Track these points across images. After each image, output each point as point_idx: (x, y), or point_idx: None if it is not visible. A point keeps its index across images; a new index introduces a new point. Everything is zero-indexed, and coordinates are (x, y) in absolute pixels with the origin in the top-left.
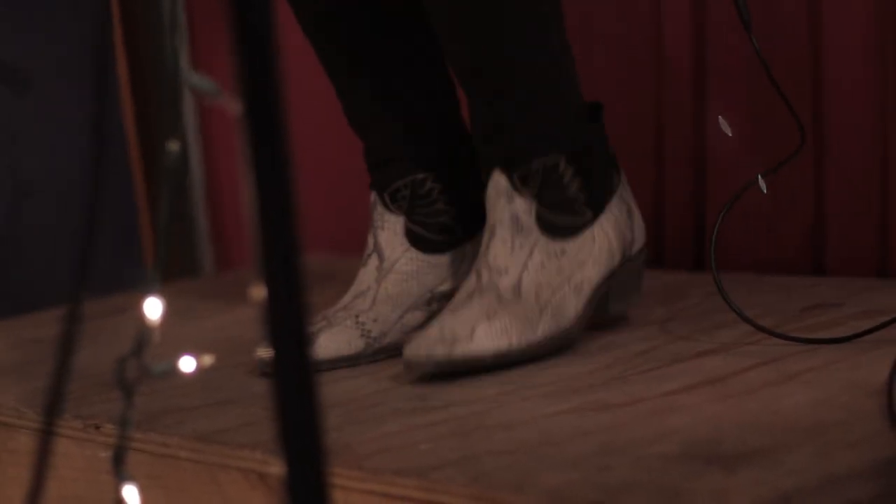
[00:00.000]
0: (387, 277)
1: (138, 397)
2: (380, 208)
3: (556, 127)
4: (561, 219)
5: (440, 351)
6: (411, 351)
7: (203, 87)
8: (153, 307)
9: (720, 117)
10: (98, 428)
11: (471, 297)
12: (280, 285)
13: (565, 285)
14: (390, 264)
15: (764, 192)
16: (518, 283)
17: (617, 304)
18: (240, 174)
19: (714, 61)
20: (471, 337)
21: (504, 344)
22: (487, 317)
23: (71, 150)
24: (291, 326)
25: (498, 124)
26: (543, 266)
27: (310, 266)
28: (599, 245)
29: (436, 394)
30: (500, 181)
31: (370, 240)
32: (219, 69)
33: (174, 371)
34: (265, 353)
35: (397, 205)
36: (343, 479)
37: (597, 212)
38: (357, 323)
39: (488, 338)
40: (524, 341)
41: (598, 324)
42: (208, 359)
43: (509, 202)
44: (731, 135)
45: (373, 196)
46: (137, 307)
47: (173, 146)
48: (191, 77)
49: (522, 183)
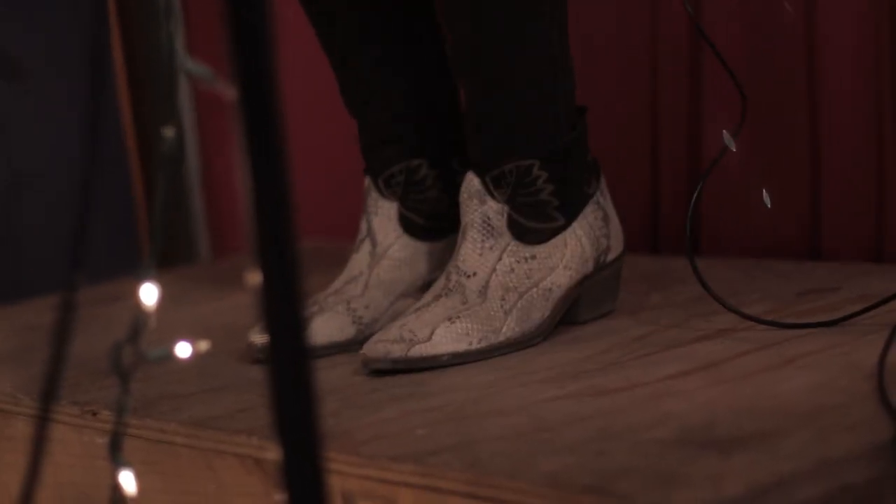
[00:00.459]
0: (379, 263)
1: (134, 384)
2: (374, 194)
3: (533, 131)
4: (532, 223)
5: (396, 352)
6: (369, 348)
7: (198, 73)
8: (149, 293)
9: (724, 131)
10: (95, 414)
11: (437, 299)
12: (275, 271)
13: (533, 289)
14: (383, 250)
15: (768, 207)
16: (485, 286)
17: (588, 311)
18: (236, 160)
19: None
20: (429, 338)
21: (463, 346)
22: (449, 319)
23: (67, 138)
24: (287, 312)
25: (478, 125)
26: (512, 270)
27: (304, 252)
28: (571, 251)
29: (432, 380)
30: (473, 182)
31: (363, 225)
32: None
33: (170, 357)
34: (258, 339)
35: (391, 191)
36: (340, 465)
37: (570, 217)
38: (349, 309)
39: (447, 340)
40: (485, 343)
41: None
42: (204, 345)
43: (481, 204)
44: (735, 150)
45: (367, 181)
46: (133, 294)
47: (169, 132)
48: (186, 63)
49: (495, 185)
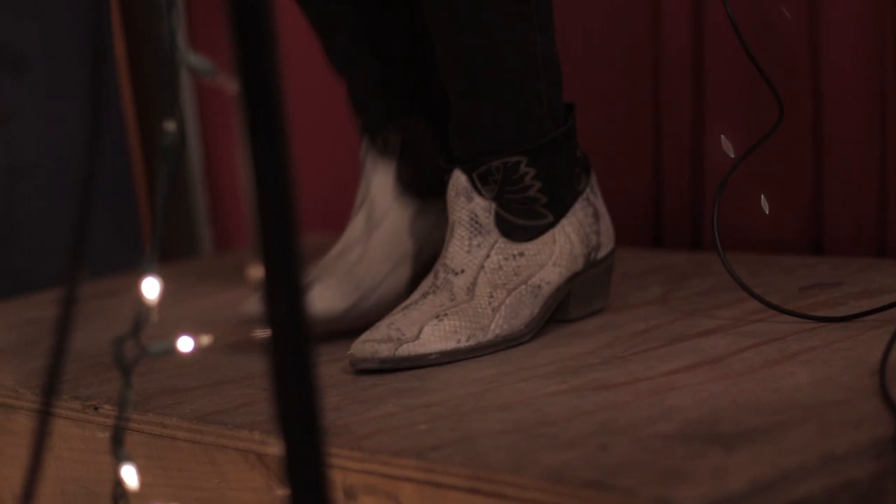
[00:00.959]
0: (379, 226)
1: (136, 378)
2: (372, 153)
3: (519, 128)
4: (521, 220)
5: (384, 352)
6: (357, 348)
7: (200, 67)
8: (151, 287)
9: (722, 136)
10: (97, 409)
11: (424, 296)
12: (277, 265)
13: (521, 287)
14: (381, 213)
15: (766, 213)
16: (473, 284)
17: (579, 309)
18: (238, 154)
19: (711, 45)
20: (417, 337)
21: (451, 344)
22: (437, 317)
23: (68, 131)
24: (289, 306)
25: (464, 122)
26: (500, 267)
27: (306, 246)
28: (560, 248)
29: (434, 375)
30: (460, 180)
31: (362, 186)
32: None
33: (172, 351)
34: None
35: (389, 149)
36: (341, 460)
37: (559, 214)
38: (349, 273)
39: (435, 338)
40: (473, 341)
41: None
42: (206, 339)
43: (468, 201)
44: (733, 156)
45: (364, 141)
46: (135, 287)
47: (170, 126)
48: (188, 57)
49: (482, 182)
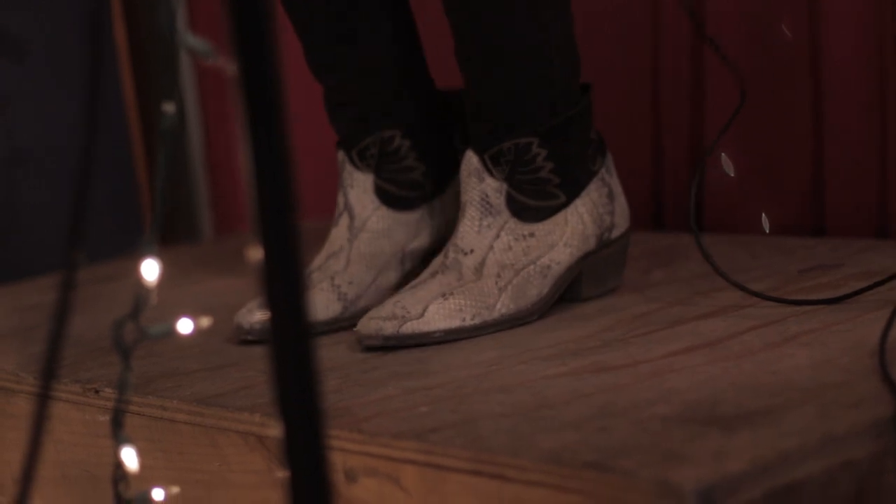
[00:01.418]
0: (359, 237)
1: (136, 361)
2: (348, 167)
3: (531, 109)
4: (532, 201)
5: (388, 329)
6: (363, 325)
7: (199, 49)
8: (150, 269)
9: (723, 154)
10: (97, 392)
11: (433, 276)
12: (277, 249)
13: (530, 266)
14: (361, 223)
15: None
16: (482, 263)
17: (591, 289)
18: (238, 138)
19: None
20: (422, 315)
21: (456, 322)
22: (443, 295)
23: (68, 116)
24: (288, 290)
25: (477, 104)
26: (510, 247)
27: (305, 231)
28: (573, 228)
29: (434, 357)
30: (472, 160)
31: (340, 199)
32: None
33: (171, 333)
34: (245, 320)
35: (366, 163)
36: (342, 442)
37: (572, 195)
38: (333, 285)
39: (440, 316)
40: (479, 320)
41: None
42: (206, 321)
43: (479, 182)
44: (733, 174)
45: (340, 155)
46: (135, 271)
47: (169, 108)
48: (187, 38)
49: (493, 163)
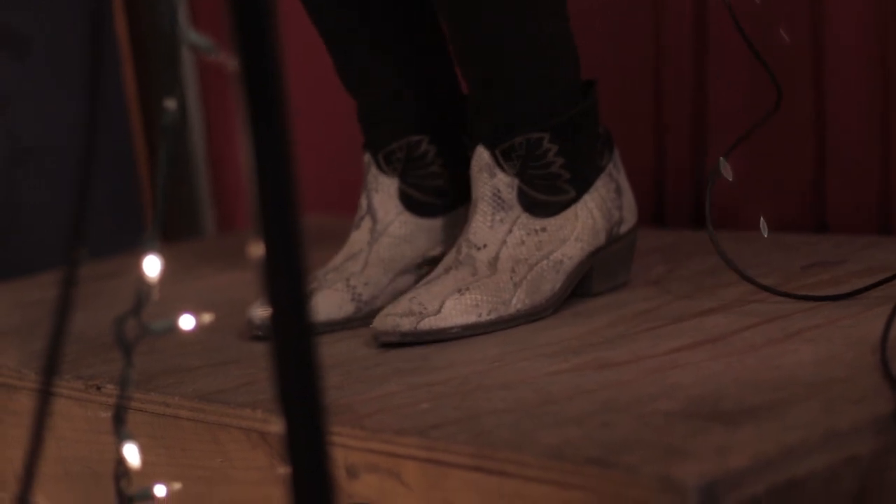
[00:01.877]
0: (379, 241)
1: (138, 357)
2: (374, 170)
3: (543, 104)
4: (543, 196)
5: (405, 326)
6: (380, 321)
7: (201, 44)
8: (152, 265)
9: (721, 159)
10: (99, 388)
11: (447, 271)
12: (278, 245)
13: (543, 262)
14: (383, 227)
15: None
16: (495, 258)
17: (601, 283)
18: (240, 134)
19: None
20: (439, 310)
21: (472, 318)
22: (459, 291)
23: (69, 112)
24: (290, 286)
25: (486, 99)
26: (523, 242)
27: (307, 226)
28: (583, 223)
29: (437, 354)
30: (483, 156)
31: (363, 202)
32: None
33: (173, 329)
34: (257, 315)
35: (391, 167)
36: (344, 438)
37: (581, 190)
38: (348, 286)
39: (457, 312)
40: (495, 315)
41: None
42: (208, 317)
43: (491, 177)
44: (731, 179)
45: (366, 157)
46: (136, 267)
47: (170, 104)
48: (188, 34)
49: (504, 158)
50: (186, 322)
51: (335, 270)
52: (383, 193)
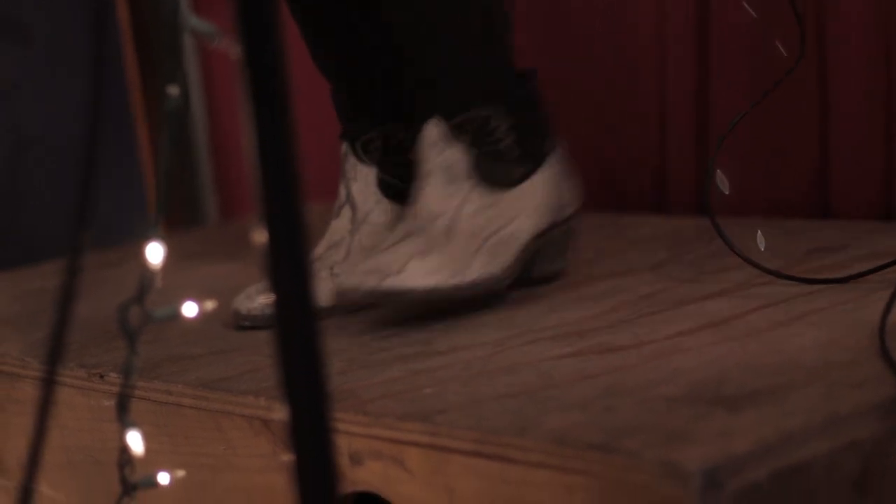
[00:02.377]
0: (360, 229)
1: (142, 345)
2: (351, 159)
3: (492, 81)
4: (494, 170)
5: (370, 282)
6: (342, 280)
7: (203, 30)
8: (155, 252)
9: (718, 171)
10: (102, 377)
11: (405, 238)
12: (282, 232)
13: (496, 235)
14: (363, 216)
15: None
16: (450, 228)
17: (544, 266)
18: (243, 121)
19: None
20: (402, 270)
21: (433, 281)
22: (421, 254)
23: (72, 100)
24: (293, 273)
25: (432, 76)
26: (475, 215)
27: (309, 214)
28: (533, 199)
29: (440, 339)
30: (434, 130)
31: (342, 191)
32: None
33: (176, 316)
34: (242, 306)
35: (369, 155)
36: (347, 424)
37: (531, 168)
38: (332, 275)
39: (419, 274)
40: (454, 281)
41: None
42: (210, 304)
43: (442, 151)
44: (728, 192)
45: (344, 147)
46: (140, 254)
47: (173, 91)
48: (191, 21)
49: (457, 132)
50: (189, 310)
51: (318, 259)
52: (361, 182)
